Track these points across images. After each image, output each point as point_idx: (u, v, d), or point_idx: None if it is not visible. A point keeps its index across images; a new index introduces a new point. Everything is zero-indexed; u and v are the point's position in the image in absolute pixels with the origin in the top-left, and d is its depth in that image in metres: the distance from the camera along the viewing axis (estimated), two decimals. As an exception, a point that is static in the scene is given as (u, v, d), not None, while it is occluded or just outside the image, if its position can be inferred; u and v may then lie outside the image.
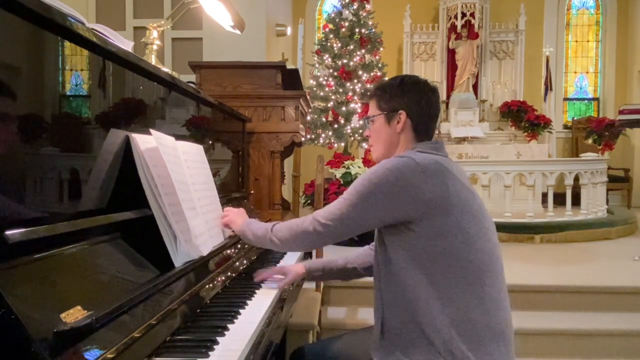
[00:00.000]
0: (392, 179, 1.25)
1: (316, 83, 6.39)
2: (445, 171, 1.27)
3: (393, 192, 1.24)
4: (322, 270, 1.66)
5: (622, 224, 5.20)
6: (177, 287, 1.13)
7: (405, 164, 1.26)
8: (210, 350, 0.96)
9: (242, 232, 1.52)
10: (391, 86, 1.44)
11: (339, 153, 5.00)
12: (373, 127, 1.46)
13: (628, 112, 4.27)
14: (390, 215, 1.27)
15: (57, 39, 0.95)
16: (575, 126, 8.17)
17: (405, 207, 1.24)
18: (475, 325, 1.22)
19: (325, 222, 1.32)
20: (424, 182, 1.23)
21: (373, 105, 1.47)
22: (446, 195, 1.24)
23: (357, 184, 1.31)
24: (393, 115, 1.41)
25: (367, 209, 1.28)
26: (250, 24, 2.87)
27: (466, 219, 1.25)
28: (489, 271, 1.27)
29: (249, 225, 1.51)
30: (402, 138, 1.41)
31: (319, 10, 8.76)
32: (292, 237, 1.39)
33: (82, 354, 0.75)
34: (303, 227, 1.36)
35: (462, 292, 1.23)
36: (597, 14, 8.60)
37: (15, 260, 0.77)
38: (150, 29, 1.80)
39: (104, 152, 1.11)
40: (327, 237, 1.35)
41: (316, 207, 2.82)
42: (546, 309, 3.03)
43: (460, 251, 1.24)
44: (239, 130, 2.36)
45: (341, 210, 1.31)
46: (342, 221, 1.31)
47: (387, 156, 1.40)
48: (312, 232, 1.34)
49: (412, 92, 1.41)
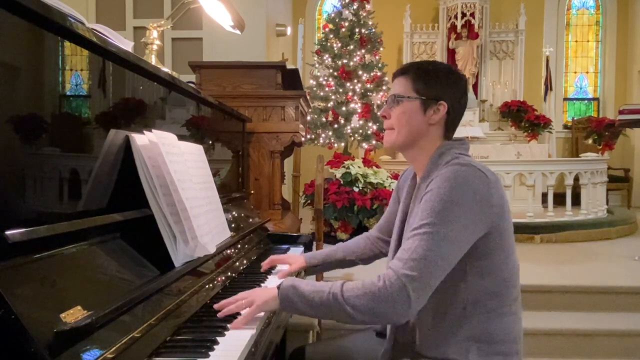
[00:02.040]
0: (471, 193, 1.11)
1: (316, 83, 6.40)
2: (498, 180, 1.19)
3: (475, 209, 1.11)
4: (322, 263, 1.64)
5: (622, 224, 5.20)
6: (177, 287, 1.13)
7: (474, 175, 1.13)
8: (210, 350, 0.96)
9: (287, 298, 1.15)
10: (437, 70, 1.28)
11: (339, 153, 5.00)
12: (399, 108, 1.27)
13: (628, 112, 4.27)
14: (476, 236, 1.13)
15: (57, 39, 0.95)
16: (575, 126, 8.17)
17: (484, 223, 1.13)
18: (493, 338, 1.18)
19: (412, 272, 1.07)
20: (491, 195, 1.14)
21: (407, 84, 1.27)
22: (504, 206, 1.17)
23: (430, 211, 1.11)
24: (432, 103, 1.25)
25: (458, 237, 1.10)
26: (250, 24, 2.87)
27: (510, 234, 1.20)
28: (515, 287, 1.22)
29: (296, 288, 1.14)
30: (432, 131, 1.27)
31: (319, 10, 8.76)
32: (373, 305, 1.09)
33: (82, 354, 0.75)
34: (385, 290, 1.08)
35: (489, 307, 1.18)
36: (597, 14, 8.60)
37: (15, 260, 0.77)
38: (150, 29, 1.80)
39: (104, 152, 1.11)
40: (422, 293, 1.08)
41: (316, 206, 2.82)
42: (546, 309, 3.03)
43: (498, 267, 1.18)
44: (239, 130, 2.36)
45: (428, 248, 1.08)
46: (436, 262, 1.08)
47: (407, 145, 1.29)
48: (401, 293, 1.06)
49: (457, 85, 1.28)
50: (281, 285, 1.17)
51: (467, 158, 1.22)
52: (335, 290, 1.11)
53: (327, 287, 1.13)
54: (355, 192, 4.10)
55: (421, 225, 1.11)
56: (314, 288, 1.14)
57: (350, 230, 4.14)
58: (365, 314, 1.09)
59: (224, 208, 1.67)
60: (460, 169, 1.14)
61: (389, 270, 1.10)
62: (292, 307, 1.16)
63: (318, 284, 1.15)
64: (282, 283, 1.18)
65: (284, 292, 1.15)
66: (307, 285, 1.15)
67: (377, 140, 6.37)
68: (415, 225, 1.13)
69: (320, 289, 1.13)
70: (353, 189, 4.12)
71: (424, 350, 1.22)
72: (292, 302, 1.15)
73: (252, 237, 1.93)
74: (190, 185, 1.33)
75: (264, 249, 1.99)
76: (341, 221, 4.14)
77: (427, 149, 1.28)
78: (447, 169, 1.16)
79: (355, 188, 4.13)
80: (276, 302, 1.15)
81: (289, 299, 1.15)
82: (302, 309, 1.15)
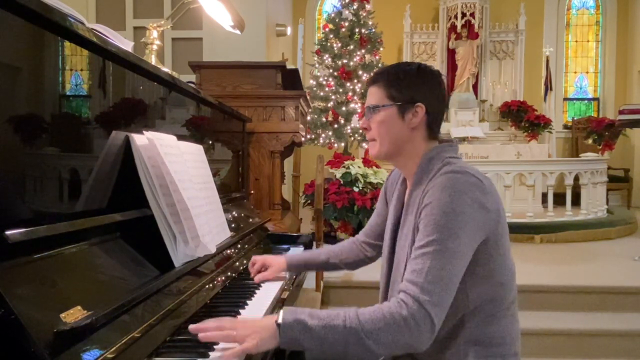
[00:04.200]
0: (469, 201, 1.09)
1: (316, 83, 6.40)
2: (492, 184, 1.17)
3: (475, 216, 1.09)
4: (303, 265, 1.61)
5: (622, 224, 5.20)
6: (177, 287, 1.13)
7: (470, 182, 1.11)
8: (210, 351, 0.96)
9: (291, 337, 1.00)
10: (406, 73, 1.23)
11: (339, 153, 5.00)
12: (378, 118, 1.24)
13: (628, 112, 4.28)
14: (477, 244, 1.11)
15: (57, 39, 0.95)
16: (575, 126, 8.17)
17: (483, 230, 1.11)
18: (491, 341, 1.17)
19: (433, 298, 1.03)
20: (487, 201, 1.12)
21: (379, 93, 1.24)
22: (500, 210, 1.15)
23: (435, 226, 1.08)
24: (408, 107, 1.21)
25: (465, 249, 1.09)
26: (250, 24, 2.87)
27: (506, 237, 1.19)
28: (511, 290, 1.21)
29: (302, 324, 1.00)
30: (415, 135, 1.23)
31: (319, 10, 8.76)
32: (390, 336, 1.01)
33: (82, 354, 0.75)
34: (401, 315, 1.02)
35: (487, 312, 1.17)
36: (597, 14, 8.60)
37: (15, 260, 0.77)
38: (150, 29, 1.80)
39: (104, 152, 1.11)
40: (442, 314, 1.05)
41: (316, 206, 2.82)
42: (546, 309, 3.03)
43: (496, 271, 1.16)
44: (239, 130, 2.36)
45: (441, 267, 1.05)
46: (451, 280, 1.06)
47: (392, 154, 1.26)
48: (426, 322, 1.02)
49: (430, 83, 1.23)
50: (283, 321, 1.00)
51: (459, 163, 1.19)
52: (352, 325, 1.00)
53: (341, 319, 1.01)
54: (355, 192, 4.11)
55: (428, 242, 1.08)
56: (324, 322, 1.00)
57: (350, 230, 4.15)
58: (388, 346, 1.01)
59: (224, 208, 1.67)
60: (455, 176, 1.12)
61: (407, 296, 1.04)
62: (297, 346, 1.01)
63: (326, 314, 1.02)
64: (282, 316, 1.01)
65: (288, 330, 0.99)
66: (313, 318, 1.01)
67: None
68: (422, 243, 1.09)
69: (333, 322, 1.00)
70: (353, 189, 4.13)
71: (421, 356, 1.21)
72: (298, 342, 1.00)
73: (252, 237, 1.93)
74: (190, 185, 1.33)
75: (264, 249, 1.99)
76: (341, 221, 4.14)
77: (414, 154, 1.25)
78: (442, 178, 1.13)
79: (355, 188, 4.13)
80: (276, 341, 0.99)
81: (295, 338, 1.00)
82: (311, 348, 1.01)
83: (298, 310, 1.03)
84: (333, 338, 0.99)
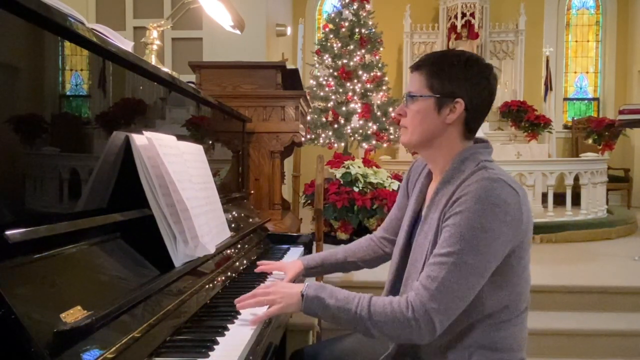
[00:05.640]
0: (502, 216, 1.06)
1: (316, 83, 6.40)
2: (525, 194, 1.14)
3: (505, 233, 1.06)
4: (321, 266, 1.55)
5: (622, 224, 5.20)
6: (177, 287, 1.13)
7: (506, 193, 1.08)
8: (210, 350, 0.96)
9: (311, 309, 1.15)
10: (452, 64, 1.16)
11: (339, 153, 5.00)
12: (414, 107, 1.19)
13: (628, 112, 4.28)
14: (500, 260, 1.09)
15: (57, 39, 0.95)
16: (575, 126, 8.17)
17: (512, 242, 1.09)
18: (497, 346, 1.15)
19: (440, 306, 1.06)
20: (521, 213, 1.09)
21: (421, 81, 1.18)
22: (530, 221, 1.14)
23: (459, 238, 1.06)
24: (447, 101, 1.15)
25: (486, 266, 1.07)
26: (250, 24, 2.87)
27: (529, 249, 1.17)
28: (526, 299, 1.20)
29: (322, 301, 1.13)
30: (450, 131, 1.18)
31: (319, 10, 8.76)
32: (392, 330, 1.10)
33: (82, 354, 0.75)
34: (405, 316, 1.07)
35: (499, 319, 1.15)
36: (597, 14, 8.60)
37: (16, 260, 0.77)
38: (150, 29, 1.80)
39: (104, 152, 1.11)
40: (447, 321, 1.08)
41: (316, 206, 2.82)
42: (546, 309, 3.03)
43: (514, 281, 1.15)
44: (239, 130, 2.36)
45: (455, 281, 1.05)
46: (463, 294, 1.07)
47: (422, 145, 1.21)
48: (428, 325, 1.06)
49: (476, 77, 1.16)
50: (306, 294, 1.14)
51: (495, 169, 1.14)
52: (362, 313, 1.10)
53: (354, 304, 1.11)
54: (355, 192, 4.11)
55: (449, 252, 1.06)
56: (340, 303, 1.12)
57: (350, 230, 4.15)
58: (390, 338, 1.15)
59: (224, 208, 1.67)
60: (491, 185, 1.07)
61: (416, 300, 1.07)
62: (314, 315, 1.18)
63: (343, 297, 1.13)
64: (306, 289, 1.14)
65: (309, 303, 1.14)
66: (332, 297, 1.13)
67: (377, 140, 6.38)
68: (443, 251, 1.07)
69: (347, 306, 1.11)
70: (353, 189, 4.13)
71: (425, 355, 1.21)
72: (315, 313, 1.16)
73: (252, 237, 1.92)
74: (190, 185, 1.33)
75: (264, 249, 1.99)
76: (341, 221, 4.14)
77: (446, 150, 1.20)
78: (477, 185, 1.08)
79: (355, 188, 4.13)
80: (299, 308, 1.15)
81: (313, 310, 1.15)
82: (326, 320, 1.18)
83: (320, 287, 1.16)
84: (344, 319, 1.12)
